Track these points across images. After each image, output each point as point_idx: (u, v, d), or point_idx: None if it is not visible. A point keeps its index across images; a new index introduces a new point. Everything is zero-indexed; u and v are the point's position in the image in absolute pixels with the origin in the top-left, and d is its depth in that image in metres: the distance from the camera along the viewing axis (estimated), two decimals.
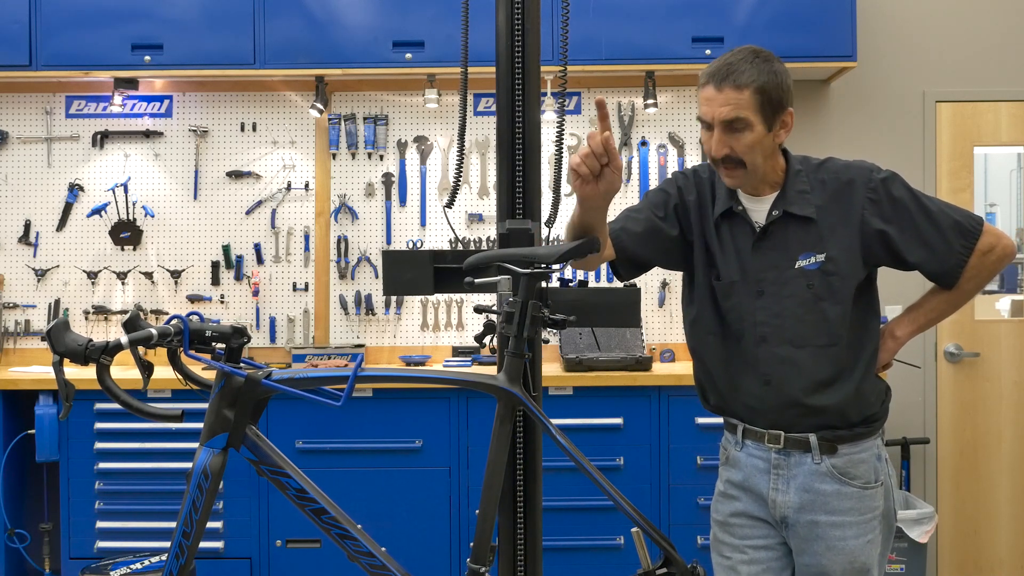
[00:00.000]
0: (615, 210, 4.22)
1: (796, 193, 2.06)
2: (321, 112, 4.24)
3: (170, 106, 4.42)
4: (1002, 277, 4.86)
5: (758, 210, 2.09)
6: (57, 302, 4.38)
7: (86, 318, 4.38)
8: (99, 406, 3.84)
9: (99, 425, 3.85)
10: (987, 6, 4.45)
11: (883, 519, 2.08)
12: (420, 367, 4.18)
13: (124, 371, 3.53)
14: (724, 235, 2.12)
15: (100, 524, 3.86)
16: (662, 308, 4.37)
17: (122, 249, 4.39)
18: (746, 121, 1.97)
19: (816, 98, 4.45)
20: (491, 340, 2.06)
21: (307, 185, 4.40)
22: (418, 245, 4.39)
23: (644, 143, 4.36)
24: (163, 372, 2.46)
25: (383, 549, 1.98)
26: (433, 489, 3.84)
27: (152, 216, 4.36)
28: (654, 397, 3.80)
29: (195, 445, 1.95)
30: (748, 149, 2.00)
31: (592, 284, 4.26)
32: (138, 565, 3.46)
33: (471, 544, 1.98)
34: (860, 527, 2.03)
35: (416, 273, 2.34)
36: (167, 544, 1.96)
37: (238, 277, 4.40)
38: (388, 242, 4.40)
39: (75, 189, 4.39)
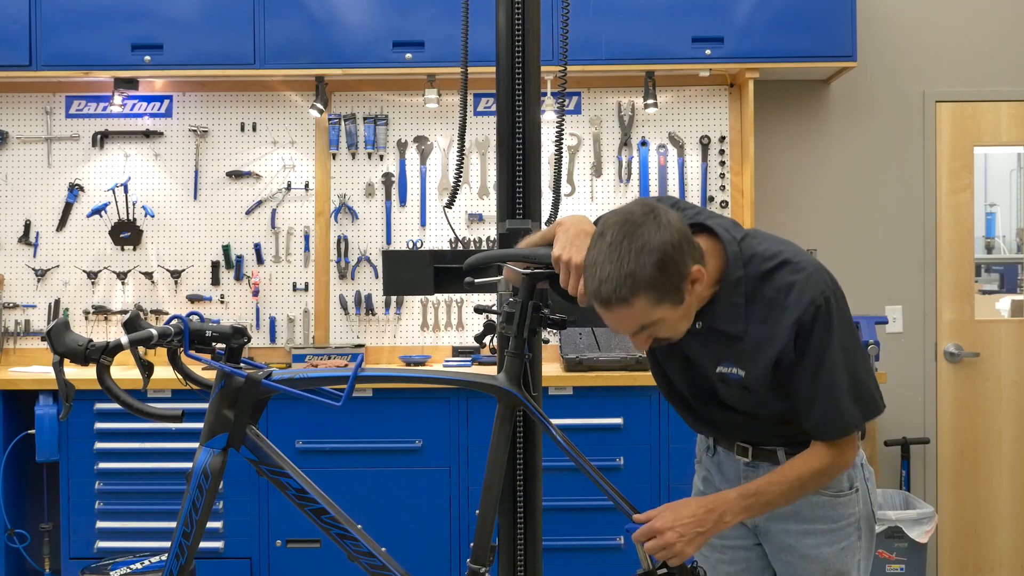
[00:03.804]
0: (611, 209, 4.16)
1: (727, 306, 1.84)
2: (321, 112, 4.24)
3: (170, 106, 4.42)
4: (1002, 277, 4.86)
5: None
6: (57, 302, 4.38)
7: (86, 318, 4.38)
8: (99, 406, 3.84)
9: (99, 425, 3.85)
10: (987, 6, 4.45)
11: (860, 524, 2.03)
12: (420, 367, 4.18)
13: (124, 371, 3.53)
14: None
15: (100, 524, 3.86)
16: None
17: (122, 249, 4.39)
18: (653, 321, 1.75)
19: (816, 98, 4.45)
20: (491, 340, 2.06)
21: (307, 185, 4.40)
22: (418, 245, 4.38)
23: (644, 143, 4.36)
24: (163, 372, 2.46)
25: (383, 549, 1.98)
26: (433, 489, 3.84)
27: (152, 216, 4.36)
28: (654, 397, 3.80)
29: (195, 445, 1.95)
30: (671, 331, 1.80)
31: None
32: (138, 565, 3.47)
33: (471, 544, 1.98)
34: (834, 535, 1.99)
35: (416, 273, 2.34)
36: (167, 544, 1.96)
37: (238, 277, 4.40)
38: (388, 242, 4.40)
39: (75, 189, 4.39)
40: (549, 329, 1.99)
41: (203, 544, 2.77)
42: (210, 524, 3.75)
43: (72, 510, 3.88)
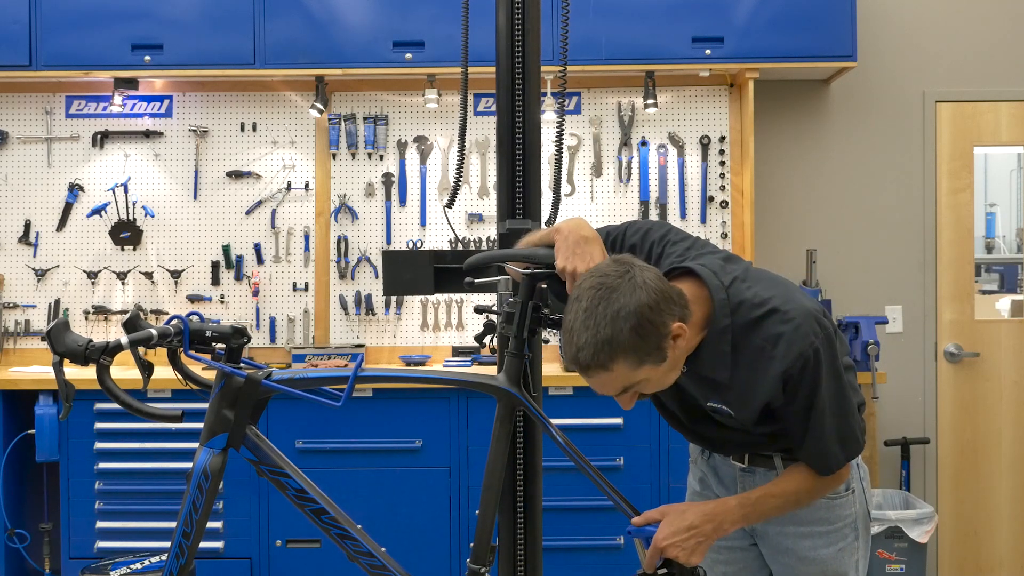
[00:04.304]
0: (613, 214, 4.18)
1: (714, 354, 1.81)
2: (321, 112, 4.24)
3: (170, 106, 4.42)
4: (1002, 277, 4.86)
5: None
6: (57, 302, 4.38)
7: (86, 318, 4.38)
8: (99, 406, 3.84)
9: (99, 425, 3.85)
10: (987, 6, 4.45)
11: (857, 524, 2.03)
12: (420, 367, 4.18)
13: (124, 371, 3.53)
14: None
15: (100, 524, 3.86)
16: None
17: (122, 249, 4.39)
18: (636, 382, 1.74)
19: (816, 98, 4.45)
20: (491, 340, 2.06)
21: (307, 185, 4.40)
22: (418, 245, 4.38)
23: (644, 143, 4.36)
24: (163, 372, 2.46)
25: (383, 549, 1.97)
26: (433, 489, 3.84)
27: (152, 216, 4.36)
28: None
29: (195, 445, 1.95)
30: (657, 386, 1.79)
31: None
32: (138, 565, 3.47)
33: (471, 544, 1.98)
34: (831, 536, 1.99)
35: (416, 273, 2.34)
36: (167, 544, 1.96)
37: (238, 277, 4.40)
38: (388, 242, 4.40)
39: (75, 189, 4.39)
40: (549, 329, 1.99)
41: (203, 544, 2.77)
42: (210, 524, 3.75)
43: (72, 510, 3.88)
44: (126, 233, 4.35)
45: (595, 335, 1.67)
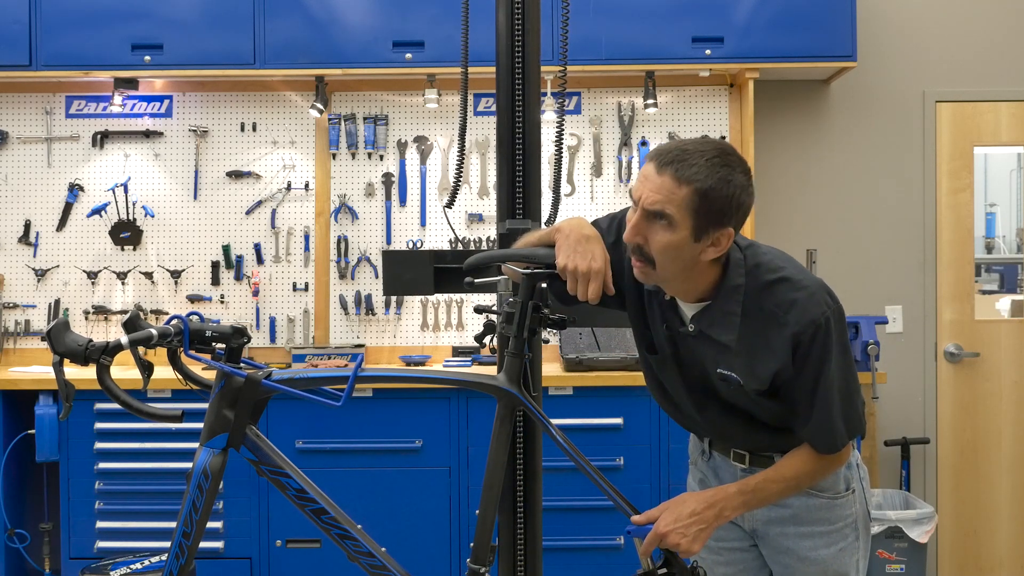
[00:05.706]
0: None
1: (722, 314, 1.82)
2: (321, 112, 4.24)
3: (170, 106, 4.42)
4: (1002, 277, 4.86)
5: (685, 308, 1.90)
6: (57, 302, 4.38)
7: (86, 318, 4.38)
8: (99, 406, 3.84)
9: (99, 425, 3.85)
10: (987, 6, 4.45)
11: (857, 524, 2.04)
12: (420, 367, 4.18)
13: (124, 371, 3.53)
14: (655, 308, 1.95)
15: (100, 524, 3.86)
16: None
17: (122, 249, 4.39)
18: (670, 218, 1.71)
19: (816, 98, 4.45)
20: (491, 340, 2.06)
21: (307, 185, 4.40)
22: (418, 245, 4.39)
23: (644, 143, 4.36)
24: (163, 372, 2.46)
25: (383, 549, 1.98)
26: (433, 489, 3.84)
27: (152, 216, 4.36)
28: None
29: (195, 445, 1.95)
30: (661, 250, 1.75)
31: None
32: (138, 565, 3.47)
33: (471, 544, 1.98)
34: (831, 536, 2.00)
35: (416, 273, 2.34)
36: (167, 544, 1.96)
37: (238, 277, 4.40)
38: (388, 242, 4.40)
39: (75, 189, 4.39)
40: (549, 329, 1.99)
41: (203, 544, 2.77)
42: (210, 524, 3.75)
43: (72, 510, 3.88)
44: (126, 233, 4.36)
45: (699, 158, 1.71)
